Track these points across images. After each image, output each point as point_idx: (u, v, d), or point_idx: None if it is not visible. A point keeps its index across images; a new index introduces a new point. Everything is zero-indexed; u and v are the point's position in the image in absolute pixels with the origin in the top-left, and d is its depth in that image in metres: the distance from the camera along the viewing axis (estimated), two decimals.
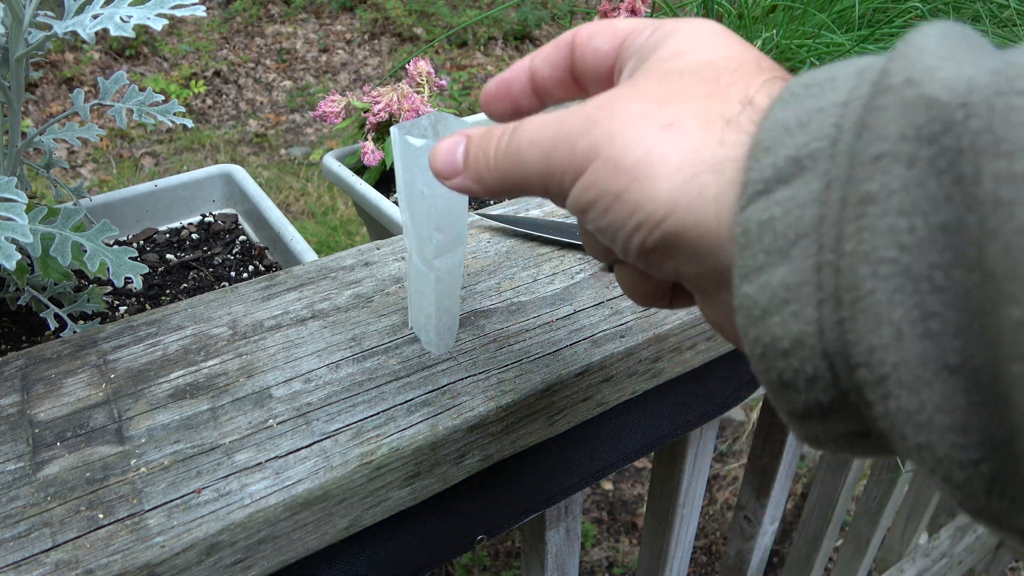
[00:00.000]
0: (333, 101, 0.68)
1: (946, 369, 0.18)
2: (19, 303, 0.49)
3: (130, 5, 0.42)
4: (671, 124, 0.24)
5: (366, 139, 0.67)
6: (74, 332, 0.48)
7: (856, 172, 0.19)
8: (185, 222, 0.67)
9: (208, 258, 0.62)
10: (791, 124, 0.21)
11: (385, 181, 0.70)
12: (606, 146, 0.25)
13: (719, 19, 0.81)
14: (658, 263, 0.26)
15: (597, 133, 0.25)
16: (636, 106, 0.25)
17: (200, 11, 0.43)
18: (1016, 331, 0.16)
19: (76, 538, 0.31)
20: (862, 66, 0.22)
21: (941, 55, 0.19)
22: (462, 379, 0.40)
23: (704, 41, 0.28)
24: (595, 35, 0.31)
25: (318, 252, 0.66)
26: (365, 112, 0.67)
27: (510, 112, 0.34)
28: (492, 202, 0.66)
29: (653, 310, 0.45)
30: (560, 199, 0.28)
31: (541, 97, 0.34)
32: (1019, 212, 0.16)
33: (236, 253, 0.63)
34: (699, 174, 0.24)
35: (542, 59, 0.33)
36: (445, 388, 0.39)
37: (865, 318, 0.19)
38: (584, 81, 0.33)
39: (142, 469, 0.34)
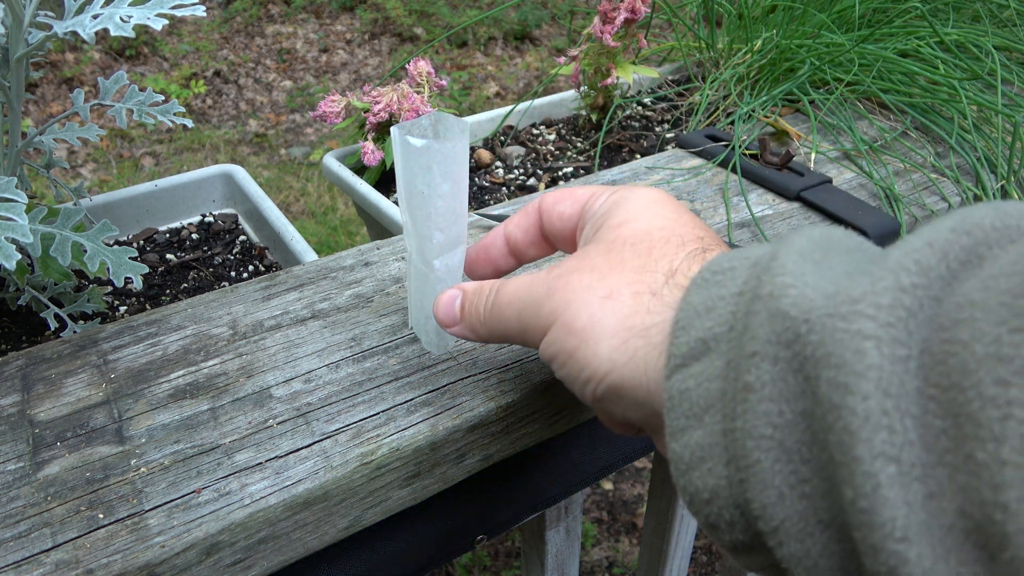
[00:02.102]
0: (333, 101, 0.68)
1: (821, 523, 0.22)
2: (19, 303, 0.49)
3: (130, 5, 0.42)
4: (609, 295, 0.30)
5: (366, 139, 0.67)
6: (74, 332, 0.48)
7: (741, 363, 0.24)
8: (185, 222, 0.67)
9: (208, 258, 0.62)
10: (700, 309, 0.26)
11: (385, 181, 0.70)
12: (563, 312, 0.30)
13: (719, 19, 0.81)
14: (609, 409, 0.30)
15: (556, 300, 0.31)
16: (585, 278, 0.31)
17: (200, 11, 0.43)
18: (852, 507, 0.20)
19: (76, 538, 0.31)
20: (756, 258, 0.26)
21: (795, 273, 0.24)
22: (462, 379, 0.40)
23: (645, 211, 0.33)
24: (559, 202, 0.37)
25: (318, 252, 0.66)
26: (365, 112, 0.67)
27: (491, 272, 0.40)
28: (492, 202, 0.66)
29: None
30: (536, 349, 0.33)
31: (517, 257, 0.40)
32: (845, 415, 0.20)
33: (236, 253, 0.63)
34: (630, 338, 0.29)
35: (515, 226, 0.38)
36: (445, 388, 0.39)
37: (755, 481, 0.23)
38: (552, 240, 0.38)
39: (142, 469, 0.34)
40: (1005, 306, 0.19)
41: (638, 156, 0.72)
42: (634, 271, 0.30)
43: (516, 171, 0.71)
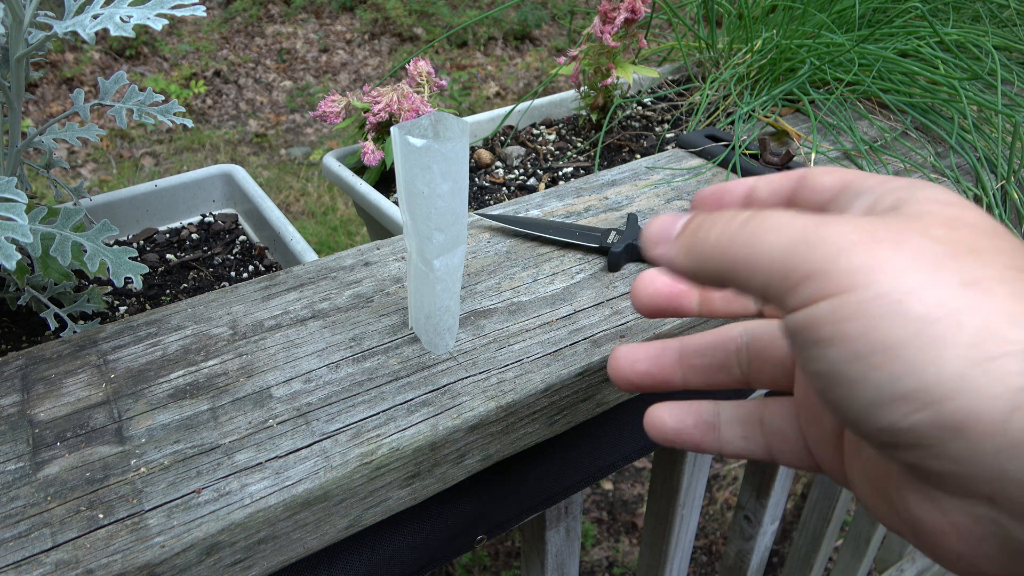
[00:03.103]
0: (333, 101, 0.68)
1: None
2: (19, 303, 0.49)
3: (130, 5, 0.42)
4: (973, 283, 0.20)
5: (366, 139, 0.67)
6: (74, 332, 0.48)
7: None
8: (185, 222, 0.67)
9: (208, 258, 0.62)
10: None
11: (385, 181, 0.70)
12: (884, 277, 0.20)
13: (719, 19, 0.81)
14: (903, 449, 0.21)
15: (875, 256, 0.21)
16: (928, 246, 0.21)
17: (200, 11, 0.43)
18: None
19: (76, 538, 0.31)
20: None
21: None
22: (462, 379, 0.40)
23: (964, 204, 0.23)
24: (825, 173, 0.28)
25: (318, 252, 0.66)
26: (365, 112, 0.67)
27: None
28: (492, 202, 0.66)
29: None
30: (780, 307, 0.23)
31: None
32: None
33: (236, 253, 0.63)
34: (1001, 356, 0.19)
35: (766, 181, 0.30)
36: (445, 388, 0.39)
37: None
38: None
39: (142, 469, 0.34)
40: None
41: (638, 156, 0.72)
42: (1002, 267, 0.21)
43: (516, 171, 0.71)
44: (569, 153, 0.74)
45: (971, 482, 0.20)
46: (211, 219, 0.67)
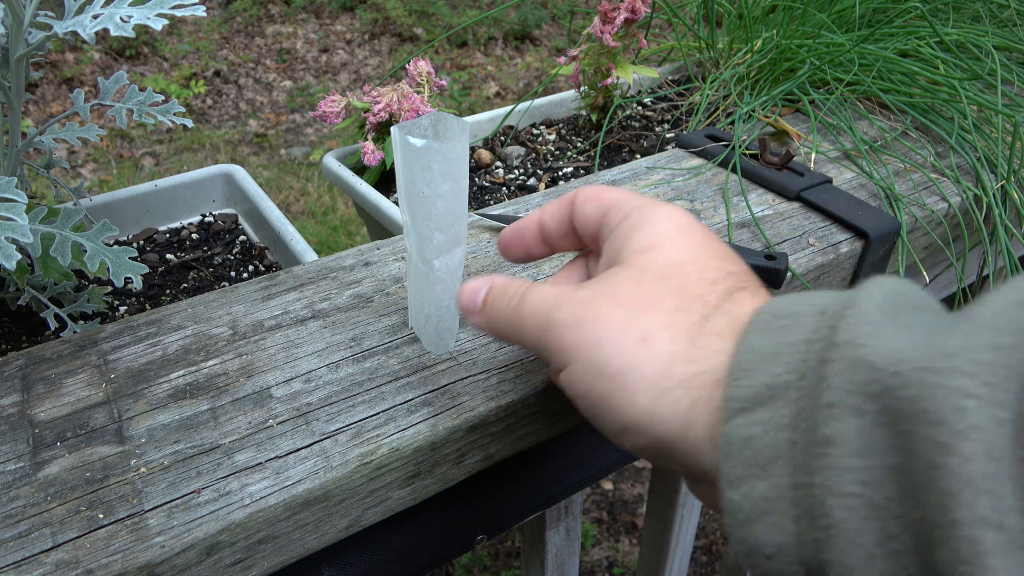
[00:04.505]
0: (333, 101, 0.68)
1: None
2: (19, 303, 0.49)
3: (130, 5, 0.42)
4: (645, 339, 0.28)
5: (366, 139, 0.67)
6: (74, 332, 0.48)
7: (818, 414, 0.23)
8: (185, 222, 0.67)
9: (208, 258, 0.62)
10: (766, 352, 0.25)
11: (385, 181, 0.70)
12: (592, 349, 0.28)
13: (719, 19, 0.81)
14: (647, 457, 0.29)
15: (584, 333, 0.29)
16: (616, 314, 0.29)
17: (200, 11, 0.43)
18: (951, 570, 0.19)
19: (76, 538, 0.31)
20: (822, 305, 0.25)
21: (876, 323, 0.23)
22: (462, 379, 0.40)
23: (671, 239, 0.31)
24: (588, 200, 0.35)
25: (318, 252, 0.66)
26: (365, 112, 0.67)
27: (523, 256, 0.39)
28: (492, 202, 0.66)
29: None
30: (550, 368, 0.32)
31: (550, 245, 0.38)
32: (945, 475, 0.19)
33: (236, 253, 0.63)
34: (671, 388, 0.27)
35: (550, 215, 0.37)
36: (445, 388, 0.39)
37: (839, 542, 0.22)
38: (581, 237, 0.37)
39: (142, 469, 0.34)
40: None
41: (638, 156, 0.72)
42: (668, 312, 0.28)
43: (516, 171, 0.71)
44: (569, 153, 0.74)
45: (692, 472, 0.28)
46: (211, 219, 0.67)
